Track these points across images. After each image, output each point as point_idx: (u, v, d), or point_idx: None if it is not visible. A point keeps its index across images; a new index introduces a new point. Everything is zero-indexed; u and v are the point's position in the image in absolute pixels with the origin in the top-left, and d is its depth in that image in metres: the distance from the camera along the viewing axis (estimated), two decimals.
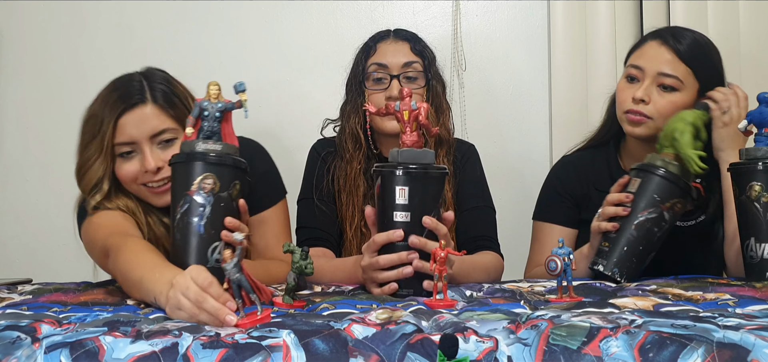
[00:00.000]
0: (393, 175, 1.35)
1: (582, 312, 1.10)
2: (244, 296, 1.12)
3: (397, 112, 1.39)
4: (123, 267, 1.32)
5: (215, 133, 1.32)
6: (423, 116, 1.37)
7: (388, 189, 1.36)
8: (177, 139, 1.53)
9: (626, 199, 1.57)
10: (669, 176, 1.57)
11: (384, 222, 1.37)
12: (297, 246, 1.27)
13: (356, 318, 1.03)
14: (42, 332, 1.02)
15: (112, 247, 1.38)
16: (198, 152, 1.30)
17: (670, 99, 1.74)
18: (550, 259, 1.26)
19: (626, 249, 1.55)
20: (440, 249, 1.24)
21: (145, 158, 1.52)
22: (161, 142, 1.54)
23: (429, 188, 1.37)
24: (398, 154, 1.37)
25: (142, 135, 1.52)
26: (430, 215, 1.35)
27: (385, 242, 1.36)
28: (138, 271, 1.26)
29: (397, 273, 1.35)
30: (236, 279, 1.12)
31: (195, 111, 1.32)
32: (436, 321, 1.03)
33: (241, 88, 1.29)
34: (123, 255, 1.33)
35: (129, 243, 1.37)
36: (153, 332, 0.99)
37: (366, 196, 1.82)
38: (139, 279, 1.24)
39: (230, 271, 1.13)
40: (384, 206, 1.37)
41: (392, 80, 1.81)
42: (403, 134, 1.38)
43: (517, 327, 0.98)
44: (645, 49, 1.81)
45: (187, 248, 1.30)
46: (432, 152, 1.40)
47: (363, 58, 1.87)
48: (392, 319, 1.03)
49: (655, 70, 1.75)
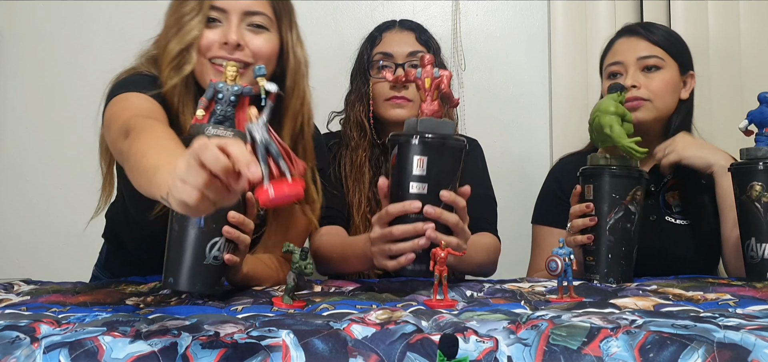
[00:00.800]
0: (410, 144, 1.30)
1: (582, 312, 1.10)
2: (271, 164, 0.97)
3: (417, 80, 1.35)
4: (140, 149, 1.10)
5: (228, 119, 1.23)
6: (445, 84, 1.34)
7: (404, 159, 1.31)
8: (268, 31, 1.49)
9: (588, 209, 1.55)
10: (618, 172, 1.54)
11: (398, 194, 1.32)
12: (296, 246, 1.26)
13: (356, 318, 1.03)
14: (41, 332, 1.01)
15: (136, 127, 1.20)
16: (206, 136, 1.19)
17: (658, 78, 1.81)
18: (551, 259, 1.25)
19: (611, 256, 1.53)
20: (441, 249, 1.23)
21: (230, 28, 1.45)
22: (252, 24, 1.48)
23: (448, 160, 1.32)
24: (417, 122, 1.32)
25: (235, 7, 1.46)
26: (448, 189, 1.31)
27: (399, 213, 1.31)
28: (155, 157, 1.04)
29: (412, 244, 1.30)
30: (263, 141, 0.96)
31: (209, 92, 1.23)
32: (435, 321, 1.03)
33: (260, 73, 1.19)
34: (144, 138, 1.14)
35: (155, 127, 1.21)
36: (152, 332, 0.99)
37: (371, 184, 1.82)
38: (153, 167, 1.01)
39: (255, 130, 0.96)
40: (399, 176, 1.32)
41: (397, 69, 1.82)
42: (422, 103, 1.34)
43: (517, 327, 0.97)
44: (618, 46, 1.88)
45: (183, 241, 1.24)
46: (452, 122, 1.35)
47: (368, 47, 1.89)
48: (392, 319, 1.02)
49: (634, 57, 1.82)
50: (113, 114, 1.35)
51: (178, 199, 0.88)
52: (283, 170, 0.95)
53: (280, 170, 0.95)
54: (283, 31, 1.52)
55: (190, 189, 0.86)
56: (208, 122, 1.22)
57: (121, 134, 1.22)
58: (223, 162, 0.84)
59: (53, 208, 2.43)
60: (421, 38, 1.88)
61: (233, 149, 0.85)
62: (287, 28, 1.52)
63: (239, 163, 0.84)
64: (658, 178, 1.82)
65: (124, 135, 1.21)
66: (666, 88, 1.81)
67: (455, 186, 1.34)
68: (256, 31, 1.48)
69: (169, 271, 1.26)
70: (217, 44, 1.45)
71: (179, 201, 0.88)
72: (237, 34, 1.45)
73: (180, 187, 0.87)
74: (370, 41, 1.90)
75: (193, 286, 1.24)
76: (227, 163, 0.85)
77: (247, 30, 1.47)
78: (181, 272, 1.24)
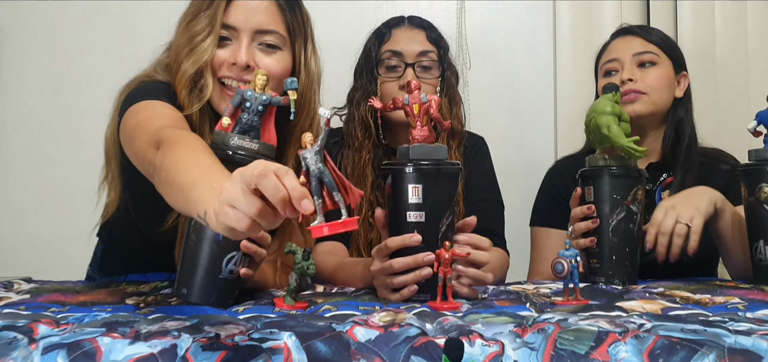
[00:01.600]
0: (404, 173, 1.28)
1: (589, 315, 1.08)
2: (325, 196, 0.93)
3: (406, 106, 1.32)
4: (175, 164, 1.04)
5: (254, 128, 1.20)
6: (434, 109, 1.30)
7: (399, 189, 1.28)
8: (281, 50, 1.42)
9: (589, 211, 1.53)
10: (617, 172, 1.52)
11: (396, 224, 1.30)
12: (299, 247, 1.25)
13: (359, 320, 1.01)
14: (39, 332, 1.00)
15: (168, 139, 1.13)
16: (231, 146, 1.17)
17: (654, 72, 1.82)
18: (557, 261, 1.24)
19: (615, 257, 1.51)
20: (445, 250, 1.21)
21: (240, 48, 1.39)
22: (263, 43, 1.41)
23: (444, 186, 1.29)
24: (409, 150, 1.30)
25: (246, 25, 1.39)
26: (445, 215, 1.28)
27: (399, 247, 1.27)
28: (193, 173, 0.99)
29: (414, 276, 1.26)
30: (316, 171, 0.91)
31: (236, 99, 1.19)
32: (440, 324, 1.01)
33: (292, 86, 1.18)
34: (178, 151, 1.07)
35: (189, 140, 1.14)
36: (152, 333, 0.97)
37: (373, 187, 1.77)
38: (190, 184, 0.96)
39: (310, 160, 0.91)
40: (396, 206, 1.30)
41: (406, 68, 1.76)
42: (412, 129, 1.31)
43: (524, 330, 0.95)
44: (613, 45, 1.90)
45: (199, 253, 1.20)
46: (445, 147, 1.32)
47: (376, 44, 1.81)
48: (396, 322, 1.01)
49: (630, 53, 1.83)
50: (138, 122, 1.27)
51: (224, 224, 0.86)
52: (337, 202, 0.92)
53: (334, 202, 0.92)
54: (296, 49, 1.46)
55: (240, 216, 0.84)
56: (232, 131, 1.19)
57: (151, 145, 1.16)
58: (283, 193, 0.82)
59: (55, 206, 2.41)
60: (431, 37, 1.82)
61: (287, 180, 0.83)
62: (301, 45, 1.46)
63: (292, 196, 0.82)
64: (655, 176, 1.81)
65: (154, 146, 1.15)
66: (662, 82, 1.82)
67: (454, 211, 1.31)
68: (267, 50, 1.41)
69: (183, 282, 1.23)
70: (226, 64, 1.40)
71: (226, 226, 0.86)
72: (247, 55, 1.39)
73: (229, 213, 0.84)
74: (378, 38, 1.83)
75: (207, 300, 1.21)
76: (286, 194, 0.82)
77: (258, 49, 1.41)
78: (195, 284, 1.21)
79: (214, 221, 0.87)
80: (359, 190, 0.96)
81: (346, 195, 0.93)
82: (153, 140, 1.17)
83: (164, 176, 1.06)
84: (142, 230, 1.53)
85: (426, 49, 1.79)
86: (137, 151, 1.23)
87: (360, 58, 1.87)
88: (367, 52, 1.84)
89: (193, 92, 1.38)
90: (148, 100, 1.34)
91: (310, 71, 1.47)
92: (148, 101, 1.34)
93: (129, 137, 1.29)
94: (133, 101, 1.35)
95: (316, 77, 1.49)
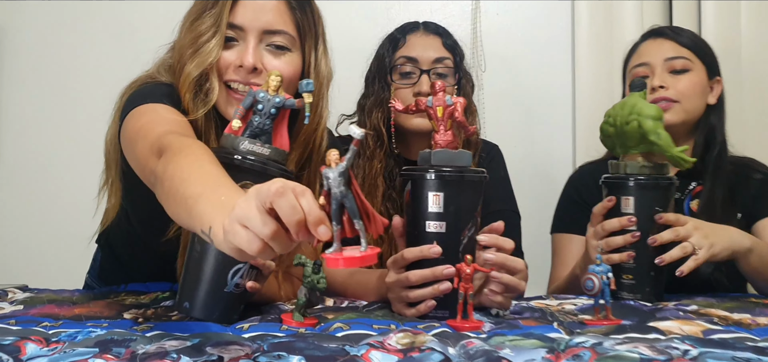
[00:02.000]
0: (425, 180, 1.20)
1: (624, 338, 0.99)
2: (345, 223, 0.84)
3: (429, 108, 1.24)
4: (179, 174, 0.97)
5: (265, 132, 1.12)
6: (459, 112, 1.22)
7: (419, 196, 1.20)
8: (290, 51, 1.33)
9: (630, 223, 1.41)
10: (662, 182, 1.42)
11: (415, 234, 1.21)
12: (309, 259, 1.16)
13: (374, 343, 0.93)
14: (26, 352, 0.92)
15: (171, 147, 1.06)
16: (240, 150, 1.10)
17: (686, 79, 1.72)
18: (587, 278, 1.15)
19: (653, 273, 1.42)
20: (466, 264, 1.13)
21: (246, 50, 1.29)
22: (271, 44, 1.32)
23: (467, 194, 1.21)
24: (430, 155, 1.21)
25: (253, 24, 1.30)
26: (467, 227, 1.20)
27: (417, 258, 1.19)
28: (198, 184, 0.92)
29: (432, 290, 1.18)
30: (339, 194, 0.81)
31: (247, 100, 1.11)
32: (464, 348, 0.93)
33: (308, 89, 1.08)
34: (182, 160, 1.00)
35: (193, 148, 1.05)
36: (149, 354, 0.89)
37: (384, 197, 1.69)
38: (195, 196, 0.90)
39: (333, 181, 0.82)
40: (415, 215, 1.21)
41: (421, 75, 1.68)
42: (435, 133, 1.22)
43: (557, 356, 0.87)
44: (644, 48, 1.79)
45: (203, 265, 1.11)
46: (469, 153, 1.23)
47: (390, 49, 1.73)
48: (415, 344, 0.92)
49: (661, 58, 1.73)
50: (140, 127, 1.19)
51: (232, 244, 0.79)
52: (358, 230, 0.83)
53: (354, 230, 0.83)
54: (306, 50, 1.37)
55: (252, 237, 0.77)
56: (242, 134, 1.12)
57: (153, 152, 1.09)
58: (300, 215, 0.75)
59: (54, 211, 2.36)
60: (447, 43, 1.74)
61: (304, 201, 0.76)
62: (311, 46, 1.38)
63: (308, 220, 0.75)
64: (683, 185, 1.71)
65: (156, 153, 1.08)
66: (694, 90, 1.72)
67: (477, 223, 1.23)
68: (276, 52, 1.32)
69: (185, 295, 1.14)
70: (232, 66, 1.31)
71: (234, 247, 0.79)
72: (254, 57, 1.29)
73: (241, 233, 0.77)
74: (392, 43, 1.75)
75: (210, 315, 1.12)
76: (302, 217, 0.75)
77: (266, 51, 1.32)
78: (198, 298, 1.13)
79: (220, 238, 0.80)
80: (384, 219, 0.87)
81: (368, 223, 0.84)
82: (155, 147, 1.09)
83: (167, 187, 0.98)
84: (142, 238, 1.45)
85: (441, 56, 1.71)
86: (138, 157, 1.15)
87: (372, 64, 1.79)
88: (379, 58, 1.76)
89: (198, 96, 1.30)
90: (150, 103, 1.26)
91: (321, 73, 1.38)
92: (151, 104, 1.26)
93: (130, 142, 1.21)
94: (135, 104, 1.26)
95: (327, 80, 1.40)
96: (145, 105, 1.25)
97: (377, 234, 0.87)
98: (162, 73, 1.39)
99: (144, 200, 1.16)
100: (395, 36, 1.76)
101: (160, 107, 1.25)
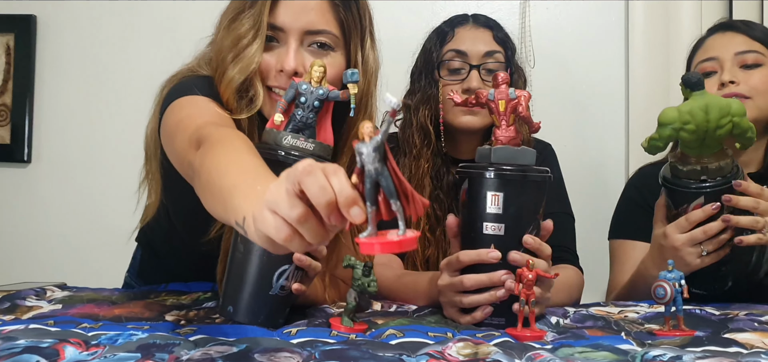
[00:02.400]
0: (484, 178, 1.13)
1: (702, 351, 0.92)
2: (381, 203, 0.74)
3: (490, 102, 1.17)
4: (215, 165, 0.92)
5: (309, 126, 1.07)
6: (523, 107, 1.15)
7: (477, 196, 1.13)
8: (334, 51, 1.26)
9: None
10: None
11: (471, 236, 1.15)
12: (358, 261, 1.10)
13: (434, 353, 0.86)
14: (65, 356, 0.87)
15: (209, 138, 1.01)
16: (283, 146, 1.05)
17: (759, 74, 1.61)
18: (658, 285, 1.07)
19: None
20: (528, 268, 1.06)
21: (288, 53, 1.23)
22: (314, 44, 1.25)
23: (528, 196, 1.14)
24: (491, 152, 1.14)
25: (294, 25, 1.23)
26: (529, 230, 1.13)
27: (473, 262, 1.13)
28: (235, 175, 0.87)
29: (488, 296, 1.11)
30: (373, 171, 0.73)
31: (289, 93, 1.07)
32: (531, 361, 0.86)
33: (353, 79, 1.02)
34: (220, 151, 0.95)
35: (232, 139, 1.01)
36: (193, 360, 0.84)
37: (431, 198, 1.61)
38: (231, 187, 0.85)
39: (367, 157, 0.73)
40: (471, 216, 1.15)
41: (471, 70, 1.60)
42: (496, 128, 1.16)
43: None
44: (712, 42, 1.68)
45: (247, 267, 1.07)
46: (532, 151, 1.16)
47: (437, 43, 1.65)
48: (478, 356, 0.85)
49: (731, 52, 1.63)
50: (179, 120, 1.15)
51: (261, 233, 0.72)
52: (395, 212, 0.73)
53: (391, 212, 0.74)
54: (353, 48, 1.30)
55: (279, 223, 0.71)
56: (285, 129, 1.06)
57: (192, 145, 1.04)
58: (330, 195, 0.68)
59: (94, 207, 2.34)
60: (498, 36, 1.65)
61: (335, 180, 0.69)
62: (357, 43, 1.30)
63: (339, 200, 0.68)
64: None
65: (194, 145, 1.03)
66: (767, 86, 1.61)
67: (539, 226, 1.16)
68: (318, 52, 1.25)
69: (229, 298, 1.09)
70: (273, 71, 1.24)
71: (262, 235, 0.73)
72: (296, 60, 1.23)
73: (268, 219, 0.71)
74: (440, 37, 1.66)
75: (255, 319, 1.07)
76: (333, 197, 0.68)
77: (307, 52, 1.25)
78: (242, 301, 1.08)
79: (252, 228, 0.74)
80: (425, 200, 0.78)
81: (407, 204, 0.74)
82: (194, 139, 1.04)
83: (204, 179, 0.93)
84: (183, 237, 1.40)
85: (492, 50, 1.62)
86: (177, 151, 1.10)
87: (418, 59, 1.71)
88: (426, 53, 1.68)
89: (242, 100, 1.23)
90: (190, 96, 1.21)
91: (369, 67, 1.31)
92: (191, 97, 1.21)
93: (170, 136, 1.16)
94: (174, 97, 1.22)
95: (374, 73, 1.33)
96: (185, 97, 1.21)
97: (417, 216, 0.77)
98: (203, 66, 1.34)
99: (184, 197, 1.11)
100: (443, 29, 1.68)
101: (201, 100, 1.20)
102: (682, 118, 1.32)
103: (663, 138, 1.34)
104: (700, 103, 1.32)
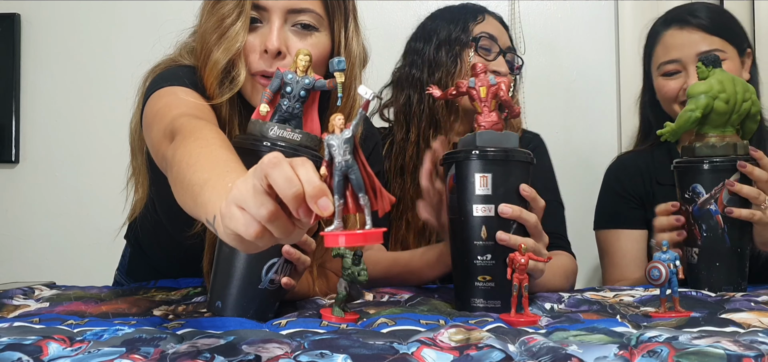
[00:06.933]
0: (471, 161, 1.14)
1: (699, 331, 0.90)
2: (349, 197, 0.76)
3: (471, 90, 1.17)
4: (186, 158, 0.90)
5: (295, 117, 1.05)
6: (504, 92, 1.16)
7: (465, 179, 1.14)
8: (318, 31, 1.24)
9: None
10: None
11: (460, 220, 1.15)
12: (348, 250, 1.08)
13: (425, 339, 0.85)
14: (48, 353, 0.85)
15: (182, 130, 1.00)
16: (269, 137, 1.03)
17: None
18: (653, 266, 1.06)
19: None
20: (520, 253, 1.04)
21: (270, 32, 1.20)
22: (298, 24, 1.22)
23: (515, 176, 1.15)
24: (476, 137, 1.15)
25: (278, 4, 1.20)
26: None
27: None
28: (206, 170, 0.85)
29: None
30: (343, 165, 0.74)
31: (274, 83, 1.04)
32: (525, 345, 0.84)
33: (340, 67, 0.97)
34: (191, 144, 0.94)
35: (204, 131, 0.99)
36: (180, 354, 0.82)
37: None
38: (200, 182, 0.83)
39: (337, 149, 0.74)
40: (460, 200, 1.15)
41: (500, 54, 1.58)
42: (478, 115, 1.16)
43: (631, 354, 0.78)
44: (671, 40, 1.67)
45: (235, 261, 1.06)
46: (515, 135, 1.17)
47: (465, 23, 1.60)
48: (470, 341, 0.84)
49: (693, 53, 1.62)
50: (157, 111, 1.14)
51: (230, 231, 0.71)
52: (362, 206, 0.74)
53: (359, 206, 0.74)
54: (336, 29, 1.28)
55: (248, 220, 0.69)
56: (271, 119, 1.04)
57: (166, 137, 1.03)
58: (297, 187, 0.67)
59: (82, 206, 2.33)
60: (510, 36, 1.66)
61: (302, 172, 0.68)
62: (341, 24, 1.28)
63: (306, 192, 0.67)
64: None
65: (168, 138, 1.02)
66: None
67: (528, 208, 1.16)
68: (302, 32, 1.23)
69: (217, 293, 1.08)
70: (258, 52, 1.22)
71: (231, 233, 0.71)
72: (279, 39, 1.20)
73: (236, 216, 0.70)
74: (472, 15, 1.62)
75: (244, 314, 1.05)
76: (300, 189, 0.67)
77: (291, 31, 1.23)
78: (230, 296, 1.06)
79: (221, 227, 0.72)
80: (391, 196, 0.79)
81: (374, 199, 0.75)
82: (168, 130, 1.03)
83: (176, 172, 0.91)
84: (170, 232, 1.38)
85: (511, 46, 1.63)
86: (154, 142, 1.08)
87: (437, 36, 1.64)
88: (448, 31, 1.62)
89: (223, 83, 1.22)
90: (170, 87, 1.19)
91: (352, 53, 1.29)
92: (170, 87, 1.19)
93: (148, 127, 1.15)
94: (155, 87, 1.20)
95: (359, 60, 1.31)
96: (165, 88, 1.19)
97: (384, 211, 0.79)
98: (185, 56, 1.32)
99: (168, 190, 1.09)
100: (472, 9, 1.65)
101: (179, 90, 1.18)
102: (715, 88, 1.33)
103: (700, 107, 1.33)
104: (726, 76, 1.34)
